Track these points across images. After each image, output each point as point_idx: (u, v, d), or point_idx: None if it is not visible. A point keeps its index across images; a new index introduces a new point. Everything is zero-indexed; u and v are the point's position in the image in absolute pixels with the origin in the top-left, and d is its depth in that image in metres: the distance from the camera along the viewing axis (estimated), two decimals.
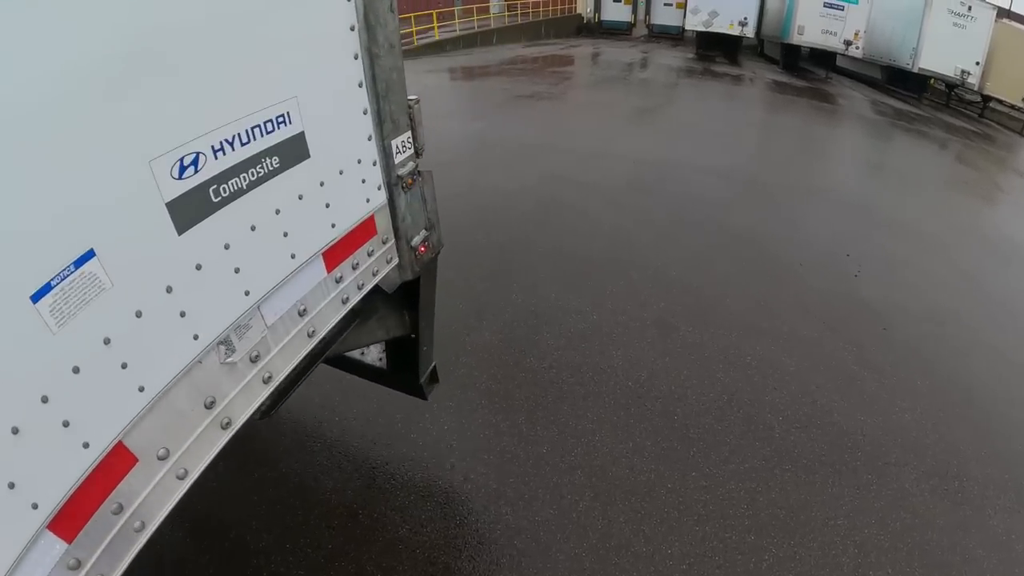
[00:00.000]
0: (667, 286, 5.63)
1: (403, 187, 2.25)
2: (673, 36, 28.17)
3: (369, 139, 2.07)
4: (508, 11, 30.76)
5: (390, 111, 2.10)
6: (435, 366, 3.29)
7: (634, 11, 30.36)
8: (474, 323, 5.00)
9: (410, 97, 2.22)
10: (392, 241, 2.34)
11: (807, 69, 21.92)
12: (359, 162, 2.04)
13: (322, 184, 1.90)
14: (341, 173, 1.97)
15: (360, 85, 1.97)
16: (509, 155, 9.52)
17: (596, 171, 8.83)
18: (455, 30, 24.65)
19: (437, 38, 22.95)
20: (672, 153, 10.01)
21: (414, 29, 22.13)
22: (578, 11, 33.43)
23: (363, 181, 2.08)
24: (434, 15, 23.01)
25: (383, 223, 2.25)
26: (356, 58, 1.93)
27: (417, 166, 2.35)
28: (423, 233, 2.46)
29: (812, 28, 20.81)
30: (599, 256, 6.14)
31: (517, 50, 24.05)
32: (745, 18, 24.06)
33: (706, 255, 6.31)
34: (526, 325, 4.99)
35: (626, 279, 5.71)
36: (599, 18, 30.81)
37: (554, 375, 4.44)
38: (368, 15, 1.92)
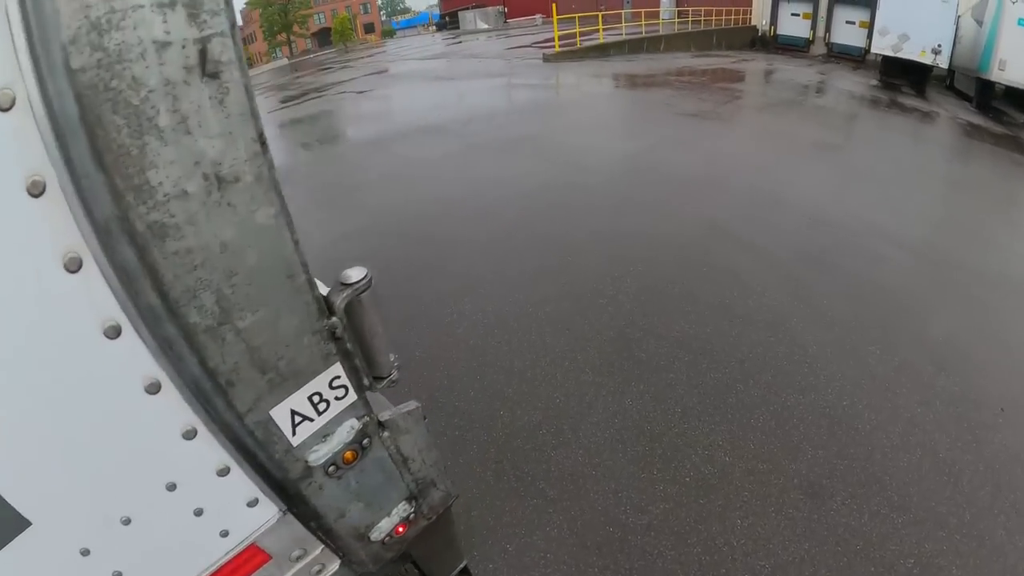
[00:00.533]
0: (832, 426, 4.05)
1: (330, 474, 1.17)
2: (854, 58, 24.65)
3: (190, 437, 0.99)
4: (678, 17, 28.72)
5: (249, 354, 0.95)
6: (466, 565, 2.29)
7: (813, 27, 26.97)
8: (568, 432, 3.89)
9: (350, 279, 1.07)
10: (317, 551, 1.31)
11: (1001, 110, 17.63)
12: (172, 489, 1.01)
13: (86, 553, 0.97)
14: (127, 523, 0.98)
15: (114, 334, 0.86)
16: (662, 191, 8.17)
17: (760, 226, 7.23)
18: (621, 34, 23.06)
19: (601, 41, 21.57)
20: (851, 212, 8.07)
21: (578, 30, 20.86)
22: (753, 23, 30.46)
23: (198, 513, 1.06)
24: (599, 17, 21.61)
25: (282, 540, 1.22)
26: (78, 270, 0.81)
27: (371, 420, 1.21)
28: (401, 509, 1.39)
29: (1017, 63, 16.12)
30: (751, 362, 4.64)
31: (685, 60, 22.07)
32: (939, 45, 20.26)
33: (886, 381, 4.58)
34: (633, 453, 3.78)
35: (779, 406, 4.19)
36: (775, 31, 27.59)
37: (650, 542, 3.22)
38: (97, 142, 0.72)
